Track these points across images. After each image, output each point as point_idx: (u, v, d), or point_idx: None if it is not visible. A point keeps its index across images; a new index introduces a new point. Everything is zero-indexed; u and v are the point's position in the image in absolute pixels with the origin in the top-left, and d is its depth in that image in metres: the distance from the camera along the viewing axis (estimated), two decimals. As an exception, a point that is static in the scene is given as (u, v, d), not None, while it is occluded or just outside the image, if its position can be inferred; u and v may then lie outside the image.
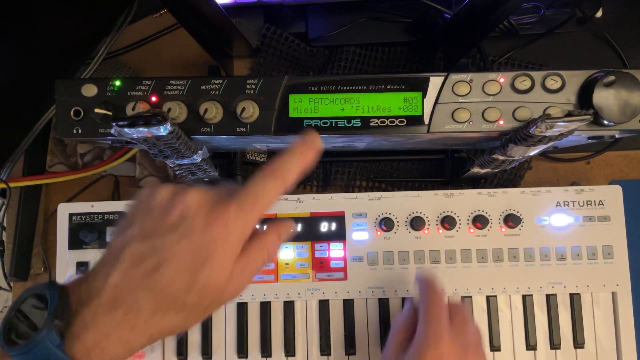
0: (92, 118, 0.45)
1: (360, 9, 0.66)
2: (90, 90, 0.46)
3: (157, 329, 0.32)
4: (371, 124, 0.46)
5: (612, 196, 0.59)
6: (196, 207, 0.32)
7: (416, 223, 0.58)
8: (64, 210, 0.60)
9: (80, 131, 0.46)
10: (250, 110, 0.45)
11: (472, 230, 0.59)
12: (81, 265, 0.59)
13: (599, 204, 0.59)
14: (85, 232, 0.58)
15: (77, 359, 0.29)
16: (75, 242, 0.59)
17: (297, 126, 0.46)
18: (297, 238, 0.59)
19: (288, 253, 0.59)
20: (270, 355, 0.59)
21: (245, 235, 0.34)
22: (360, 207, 0.60)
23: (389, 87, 0.46)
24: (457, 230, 0.59)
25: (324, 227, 0.60)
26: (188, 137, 0.46)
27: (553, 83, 0.45)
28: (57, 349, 0.29)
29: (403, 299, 0.59)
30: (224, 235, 0.32)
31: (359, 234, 0.59)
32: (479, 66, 0.68)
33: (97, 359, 0.30)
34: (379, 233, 0.59)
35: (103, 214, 0.60)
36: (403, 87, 0.46)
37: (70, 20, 0.61)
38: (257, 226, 0.36)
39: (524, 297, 0.59)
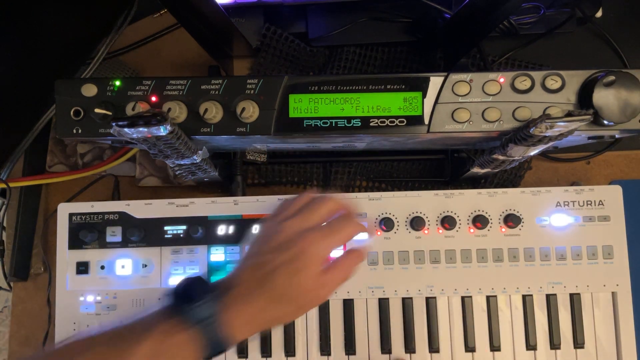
0: (92, 118, 0.45)
1: (360, 9, 0.66)
2: (90, 90, 0.46)
3: (272, 315, 0.45)
4: (371, 124, 0.46)
5: (612, 196, 0.59)
6: (293, 233, 0.46)
7: (416, 223, 0.58)
8: (64, 210, 0.60)
9: (80, 131, 0.46)
10: (250, 110, 0.45)
11: (472, 230, 0.59)
12: (81, 265, 0.59)
13: (599, 204, 0.59)
14: (85, 232, 0.58)
15: (223, 324, 0.42)
16: (75, 242, 0.59)
17: (297, 126, 0.46)
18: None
19: (288, 253, 0.59)
20: (270, 355, 0.59)
21: (326, 255, 0.46)
22: (361, 207, 0.59)
23: (389, 87, 0.46)
24: (457, 230, 0.59)
25: (324, 227, 0.59)
26: (188, 137, 0.46)
27: (553, 83, 0.45)
28: (214, 313, 0.42)
29: (403, 299, 0.59)
30: (312, 254, 0.45)
31: (359, 234, 0.59)
32: (479, 66, 0.68)
33: (233, 329, 0.43)
34: (379, 233, 0.59)
35: (103, 214, 0.60)
36: (403, 87, 0.46)
37: (70, 20, 0.61)
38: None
39: (524, 297, 0.59)
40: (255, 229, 0.59)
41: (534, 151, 0.48)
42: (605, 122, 0.44)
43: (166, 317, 0.43)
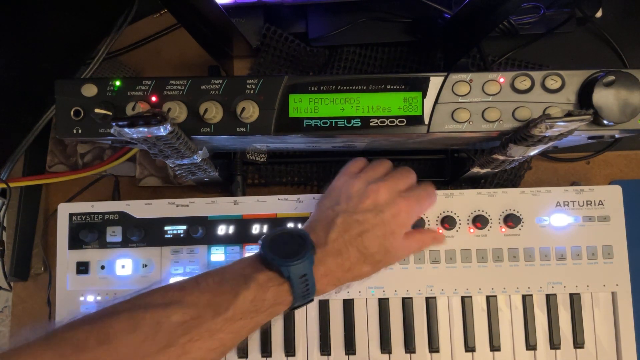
0: (92, 118, 0.45)
1: (360, 9, 0.66)
2: (90, 90, 0.46)
3: (357, 273, 0.48)
4: (371, 124, 0.46)
5: (612, 196, 0.59)
6: (385, 197, 0.49)
7: (416, 223, 0.58)
8: (64, 210, 0.60)
9: (80, 131, 0.46)
10: (250, 110, 0.45)
11: (472, 230, 0.59)
12: (81, 265, 0.59)
13: (598, 204, 0.59)
14: (85, 232, 0.58)
15: (314, 280, 0.45)
16: (76, 242, 0.59)
17: (297, 126, 0.46)
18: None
19: (288, 253, 0.59)
20: (270, 355, 0.59)
21: (414, 220, 0.51)
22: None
23: (389, 87, 0.46)
24: (457, 230, 0.59)
25: (324, 227, 0.59)
26: (188, 137, 0.46)
27: (553, 83, 0.45)
28: (309, 271, 0.45)
29: (403, 299, 0.59)
30: (404, 219, 0.49)
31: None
32: (479, 66, 0.68)
33: (321, 284, 0.46)
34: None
35: (103, 214, 0.60)
36: (403, 87, 0.46)
37: (70, 20, 0.61)
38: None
39: (524, 297, 0.59)
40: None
41: (534, 151, 0.48)
42: (605, 122, 0.44)
43: (263, 269, 0.45)
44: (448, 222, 0.58)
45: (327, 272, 0.47)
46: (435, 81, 0.46)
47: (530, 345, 0.58)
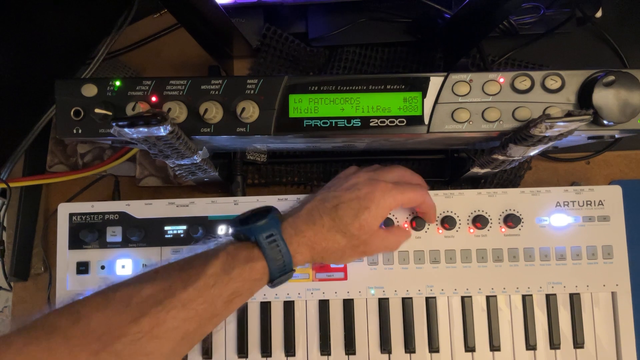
0: (92, 118, 0.45)
1: (360, 9, 0.66)
2: (90, 90, 0.46)
3: (332, 242, 0.49)
4: (371, 124, 0.46)
5: (612, 196, 0.59)
6: (365, 179, 0.51)
7: (416, 223, 0.58)
8: (64, 210, 0.60)
9: (80, 131, 0.46)
10: (250, 110, 0.45)
11: (472, 230, 0.59)
12: (81, 265, 0.59)
13: (598, 204, 0.59)
14: (85, 232, 0.58)
15: (285, 241, 0.46)
16: (76, 242, 0.59)
17: (297, 126, 0.46)
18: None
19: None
20: (270, 355, 0.59)
21: (392, 205, 0.51)
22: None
23: (388, 87, 0.46)
24: (457, 230, 0.59)
25: (324, 227, 0.59)
26: (188, 137, 0.46)
27: (553, 83, 0.45)
28: (276, 230, 0.46)
29: (403, 299, 0.59)
30: (379, 198, 0.50)
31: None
32: (479, 66, 0.68)
33: (294, 247, 0.47)
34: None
35: (103, 214, 0.60)
36: (403, 87, 0.46)
37: (70, 20, 0.61)
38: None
39: (523, 297, 0.59)
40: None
41: (533, 151, 0.48)
42: (605, 122, 0.44)
43: (232, 241, 0.47)
44: (448, 222, 0.58)
45: (298, 233, 0.48)
46: (435, 81, 0.46)
47: (530, 345, 0.58)
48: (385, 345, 0.58)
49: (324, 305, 0.59)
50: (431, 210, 0.56)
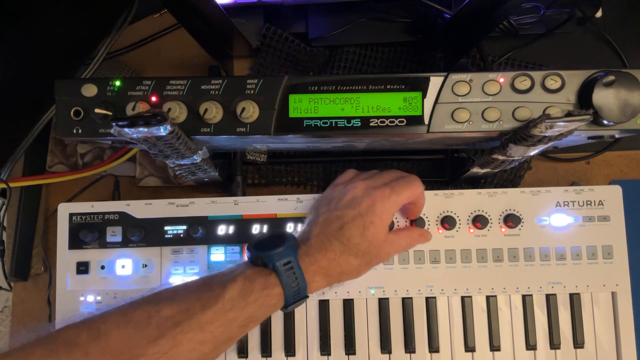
0: (92, 118, 0.45)
1: (360, 9, 0.66)
2: (90, 90, 0.46)
3: (345, 266, 0.50)
4: (371, 124, 0.46)
5: (612, 196, 0.59)
6: (363, 190, 0.51)
7: (416, 223, 0.58)
8: (64, 210, 0.60)
9: (80, 131, 0.46)
10: (250, 110, 0.45)
11: (472, 230, 0.59)
12: (81, 265, 0.59)
13: (598, 204, 0.59)
14: (85, 232, 0.58)
15: (301, 269, 0.47)
16: (76, 242, 0.59)
17: (297, 126, 0.46)
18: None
19: (288, 253, 0.59)
20: (270, 355, 0.59)
21: (394, 210, 0.51)
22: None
23: (388, 87, 0.46)
24: (457, 230, 0.59)
25: (324, 227, 0.59)
26: (188, 137, 0.46)
27: (553, 83, 0.45)
28: (293, 259, 0.46)
29: (403, 299, 0.59)
30: (380, 209, 0.50)
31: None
32: (479, 66, 0.68)
33: (309, 276, 0.47)
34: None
35: (103, 214, 0.60)
36: (403, 87, 0.46)
37: (70, 20, 0.61)
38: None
39: (523, 297, 0.59)
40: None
41: (533, 151, 0.48)
42: (605, 122, 0.44)
43: (249, 265, 0.47)
44: (448, 222, 0.58)
45: (313, 262, 0.48)
46: (435, 81, 0.46)
47: (530, 345, 0.58)
48: (385, 345, 0.58)
49: (323, 305, 0.59)
50: (421, 201, 0.56)
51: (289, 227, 0.59)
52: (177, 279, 0.59)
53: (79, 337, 0.40)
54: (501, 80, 0.45)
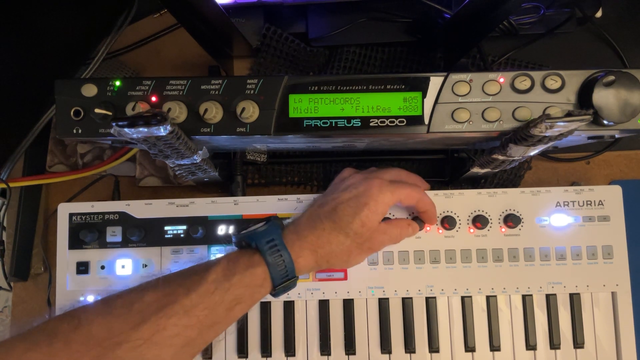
0: (92, 118, 0.45)
1: (360, 9, 0.66)
2: (90, 90, 0.46)
3: (335, 245, 0.48)
4: (371, 124, 0.46)
5: (612, 196, 0.59)
6: (361, 178, 0.52)
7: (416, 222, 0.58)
8: (64, 210, 0.60)
9: (80, 131, 0.46)
10: (250, 110, 0.45)
11: (472, 230, 0.59)
12: (81, 265, 0.59)
13: (598, 204, 0.59)
14: (85, 232, 0.58)
15: (286, 246, 0.46)
16: (75, 242, 0.59)
17: (297, 126, 0.46)
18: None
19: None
20: (270, 355, 0.59)
21: (390, 201, 0.50)
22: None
23: (389, 87, 0.46)
24: (457, 230, 0.59)
25: (324, 227, 0.59)
26: (188, 137, 0.46)
27: (553, 83, 0.45)
28: (277, 235, 0.46)
29: (403, 299, 0.59)
30: (376, 193, 0.49)
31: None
32: (479, 66, 0.68)
33: (296, 252, 0.47)
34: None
35: (103, 214, 0.60)
36: (403, 87, 0.46)
37: (70, 20, 0.61)
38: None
39: (523, 297, 0.59)
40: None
41: (534, 151, 0.48)
42: (605, 122, 0.44)
43: (234, 249, 0.47)
44: (448, 222, 0.58)
45: (300, 238, 0.47)
46: (435, 81, 0.46)
47: (530, 345, 0.58)
48: (385, 345, 0.58)
49: (324, 305, 0.59)
50: (430, 208, 0.56)
51: (289, 227, 0.59)
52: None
53: (59, 328, 0.39)
54: (501, 80, 0.45)
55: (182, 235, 0.59)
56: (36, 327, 0.40)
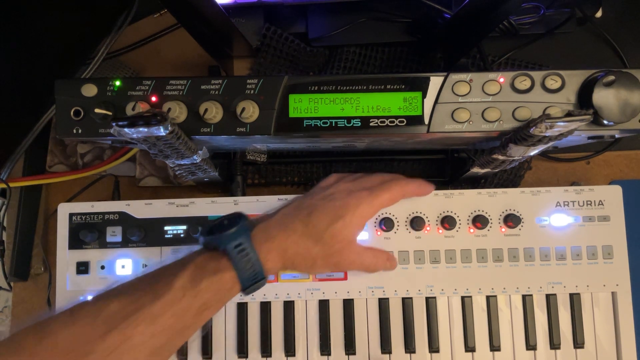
0: (92, 118, 0.45)
1: (360, 9, 0.66)
2: (90, 90, 0.46)
3: (304, 250, 0.47)
4: (371, 124, 0.46)
5: (612, 196, 0.59)
6: (343, 190, 0.50)
7: (416, 223, 0.58)
8: (64, 210, 0.60)
9: (80, 131, 0.46)
10: (250, 110, 0.45)
11: (472, 230, 0.59)
12: (81, 265, 0.59)
13: (598, 204, 0.59)
14: (85, 232, 0.58)
15: (255, 247, 0.45)
16: (75, 242, 0.59)
17: (297, 126, 0.46)
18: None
19: (288, 253, 0.59)
20: (270, 355, 0.59)
21: (368, 214, 0.49)
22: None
23: (388, 87, 0.46)
24: (457, 230, 0.59)
25: (324, 227, 0.59)
26: (188, 137, 0.46)
27: (553, 83, 0.45)
28: (246, 237, 0.45)
29: (403, 299, 0.59)
30: (354, 207, 0.48)
31: (359, 234, 0.59)
32: (479, 66, 0.68)
33: (264, 254, 0.45)
34: (378, 233, 0.59)
35: (103, 214, 0.60)
36: (403, 87, 0.46)
37: (70, 20, 0.61)
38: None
39: (524, 297, 0.59)
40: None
41: (534, 151, 0.48)
42: (605, 122, 0.44)
43: (201, 251, 0.45)
44: (448, 222, 0.58)
45: (269, 239, 0.46)
46: (435, 81, 0.46)
47: (530, 345, 0.58)
48: (385, 345, 0.58)
49: (324, 305, 0.59)
50: (420, 189, 0.54)
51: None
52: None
53: (24, 341, 0.38)
54: (501, 80, 0.45)
55: (182, 235, 0.59)
56: (2, 342, 0.39)
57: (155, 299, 0.41)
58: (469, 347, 0.58)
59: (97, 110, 0.44)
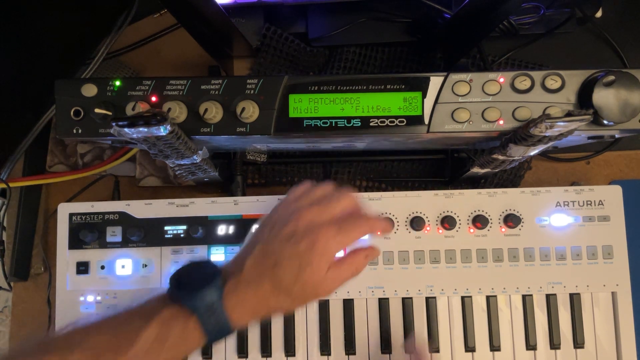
0: (92, 118, 0.45)
1: (360, 9, 0.66)
2: (90, 90, 0.46)
3: (274, 306, 0.45)
4: (371, 124, 0.46)
5: (612, 196, 0.59)
6: (305, 225, 0.45)
7: (416, 223, 0.58)
8: (64, 210, 0.60)
9: (80, 131, 0.46)
10: (250, 110, 0.45)
11: (472, 230, 0.59)
12: (81, 265, 0.59)
13: (599, 204, 0.59)
14: (85, 232, 0.58)
15: (225, 311, 0.42)
16: (75, 242, 0.59)
17: (297, 126, 0.46)
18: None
19: (288, 253, 0.59)
20: (270, 355, 0.59)
21: (337, 251, 0.45)
22: (360, 207, 0.59)
23: (388, 87, 0.46)
24: (457, 230, 0.59)
25: (324, 227, 0.59)
26: (188, 137, 0.46)
27: (553, 83, 0.45)
28: (216, 300, 0.42)
29: (403, 299, 0.59)
30: (322, 250, 0.44)
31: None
32: (479, 66, 0.68)
33: (235, 315, 0.43)
34: (379, 233, 0.59)
35: (103, 214, 0.60)
36: (403, 87, 0.46)
37: (70, 20, 0.61)
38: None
39: (524, 297, 0.59)
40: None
41: (533, 151, 0.48)
42: (605, 122, 0.44)
43: (168, 304, 0.43)
44: (448, 222, 0.58)
45: (240, 301, 0.44)
46: (435, 81, 0.46)
47: (530, 345, 0.58)
48: (385, 345, 0.58)
49: (323, 305, 0.59)
50: (386, 228, 0.51)
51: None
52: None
53: None
54: (501, 80, 0.45)
55: (182, 235, 0.59)
56: None
57: (117, 355, 0.39)
58: (469, 347, 0.58)
59: (97, 110, 0.44)
